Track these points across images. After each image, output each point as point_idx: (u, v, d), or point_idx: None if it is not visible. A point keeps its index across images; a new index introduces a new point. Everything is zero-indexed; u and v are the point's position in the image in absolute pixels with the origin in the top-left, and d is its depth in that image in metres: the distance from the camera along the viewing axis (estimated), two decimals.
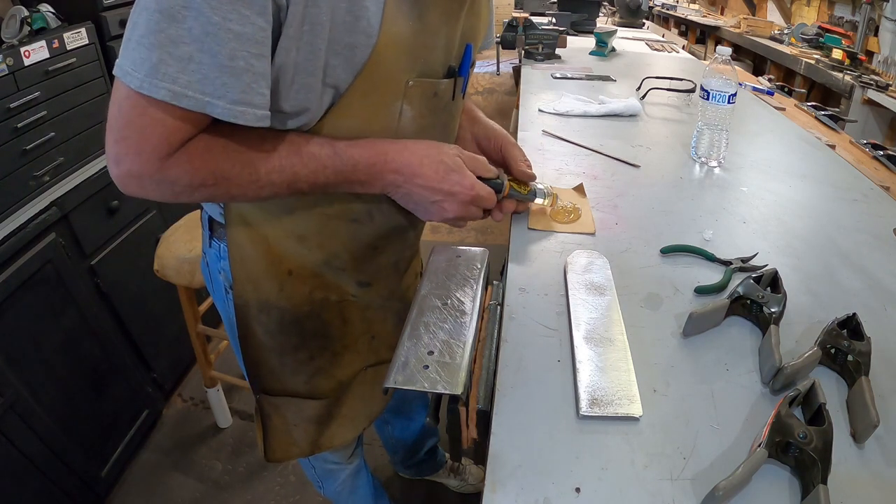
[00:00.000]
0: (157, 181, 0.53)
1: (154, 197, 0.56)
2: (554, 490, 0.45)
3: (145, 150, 0.50)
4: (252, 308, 0.72)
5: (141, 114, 0.49)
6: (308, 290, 0.72)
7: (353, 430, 0.85)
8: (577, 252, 0.75)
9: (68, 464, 1.27)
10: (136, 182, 0.53)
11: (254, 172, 0.55)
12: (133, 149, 0.50)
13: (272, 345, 0.74)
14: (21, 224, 1.16)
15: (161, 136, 0.50)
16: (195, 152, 0.53)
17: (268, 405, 0.78)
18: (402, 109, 0.60)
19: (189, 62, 0.46)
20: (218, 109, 0.48)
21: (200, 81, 0.47)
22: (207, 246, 0.75)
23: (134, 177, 0.52)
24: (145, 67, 0.46)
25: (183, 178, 0.53)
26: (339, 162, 0.58)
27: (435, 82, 0.61)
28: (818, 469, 0.44)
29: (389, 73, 0.55)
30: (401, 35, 0.53)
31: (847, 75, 2.49)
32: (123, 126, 0.50)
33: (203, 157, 0.53)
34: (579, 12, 2.59)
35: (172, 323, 1.65)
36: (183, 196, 0.56)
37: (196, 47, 0.45)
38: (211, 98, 0.47)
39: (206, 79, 0.47)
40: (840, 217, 0.88)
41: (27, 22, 1.25)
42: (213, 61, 0.46)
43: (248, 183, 0.56)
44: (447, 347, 0.59)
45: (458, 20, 0.62)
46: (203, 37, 0.45)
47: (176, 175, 0.53)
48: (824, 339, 0.58)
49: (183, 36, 0.45)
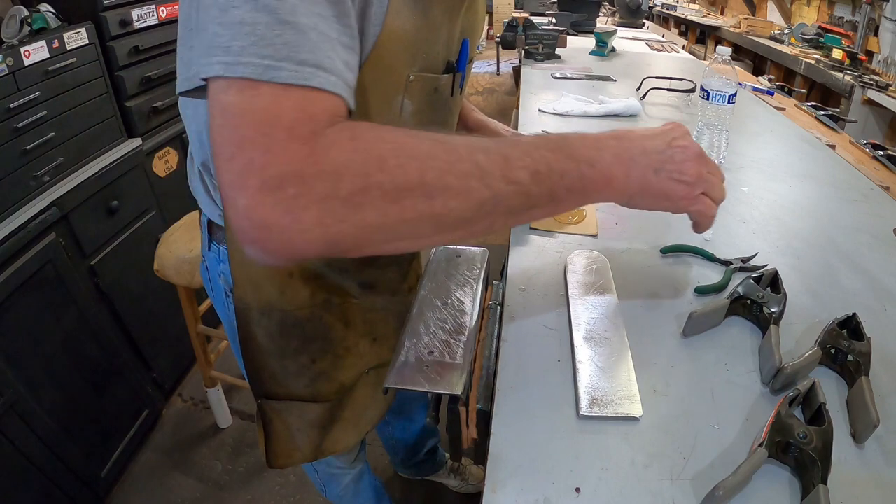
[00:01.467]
0: (310, 180, 0.36)
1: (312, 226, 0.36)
2: (554, 490, 0.45)
3: (278, 139, 0.35)
4: (253, 311, 0.72)
5: (245, 98, 0.36)
6: (309, 293, 0.72)
7: (356, 434, 0.84)
8: (577, 252, 0.75)
9: (68, 464, 1.27)
10: (281, 202, 0.35)
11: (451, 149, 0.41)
12: (260, 146, 0.35)
13: (273, 348, 0.74)
14: (21, 224, 1.16)
15: (292, 111, 0.37)
16: (360, 129, 0.39)
17: (270, 410, 0.78)
18: (403, 104, 0.59)
19: (241, 25, 0.37)
20: (284, 73, 0.37)
21: (257, 43, 0.36)
22: (206, 250, 0.75)
23: (275, 189, 0.35)
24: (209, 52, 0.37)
25: (354, 162, 0.37)
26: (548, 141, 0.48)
27: (436, 77, 0.61)
28: (818, 469, 0.44)
29: (392, 66, 0.55)
30: (404, 28, 0.53)
31: (847, 75, 2.49)
32: (232, 128, 0.36)
33: (374, 131, 0.39)
34: (579, 12, 2.59)
35: (172, 323, 1.65)
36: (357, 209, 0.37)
37: (248, 8, 0.36)
38: (272, 61, 0.36)
39: (264, 38, 0.37)
40: (840, 217, 0.88)
41: (27, 22, 1.25)
42: (272, 18, 0.37)
43: (447, 162, 0.40)
44: (447, 347, 0.59)
45: (459, 16, 0.62)
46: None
47: (340, 158, 0.36)
48: (824, 339, 0.58)
49: (230, 2, 0.37)
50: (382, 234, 0.40)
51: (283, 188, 0.35)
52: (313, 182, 0.36)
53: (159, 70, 1.57)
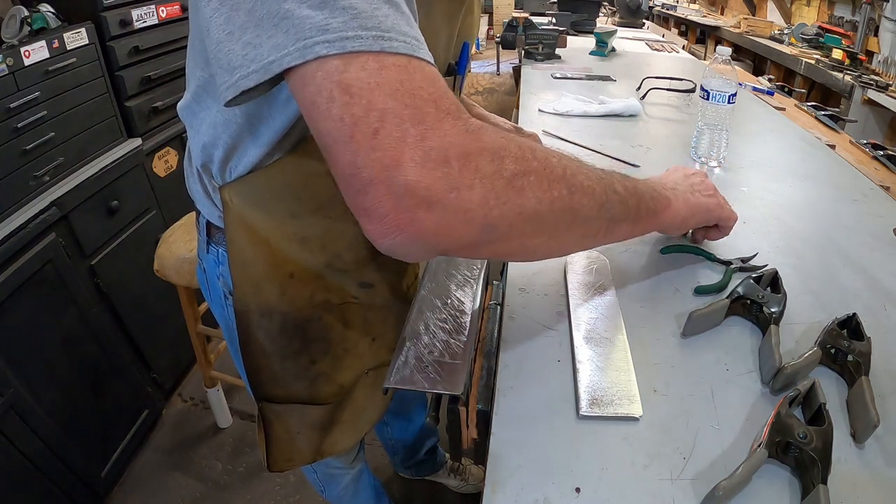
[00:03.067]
0: (476, 153, 0.34)
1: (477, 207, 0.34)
2: (554, 490, 0.45)
3: (428, 112, 0.33)
4: (253, 313, 0.71)
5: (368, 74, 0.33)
6: (310, 293, 0.72)
7: (355, 435, 0.84)
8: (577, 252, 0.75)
9: (68, 464, 1.27)
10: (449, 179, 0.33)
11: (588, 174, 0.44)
12: (410, 121, 0.32)
13: (274, 349, 0.74)
14: (21, 224, 1.16)
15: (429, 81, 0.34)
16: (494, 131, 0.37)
17: (270, 413, 0.78)
18: None
19: (333, 5, 0.34)
20: (396, 43, 0.34)
21: (358, 16, 0.34)
22: (204, 252, 0.74)
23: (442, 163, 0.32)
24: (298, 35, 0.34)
25: (511, 148, 0.35)
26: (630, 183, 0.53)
27: None
28: (818, 469, 0.44)
29: None
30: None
31: (847, 75, 2.49)
32: (366, 107, 0.32)
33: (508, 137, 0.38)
34: (579, 12, 2.59)
35: (172, 323, 1.65)
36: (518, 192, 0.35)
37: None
38: (381, 31, 0.34)
39: (362, 12, 0.34)
40: (840, 217, 0.88)
41: (27, 22, 1.25)
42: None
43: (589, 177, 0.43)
44: (447, 347, 0.59)
45: (458, 19, 0.62)
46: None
47: (498, 141, 0.35)
48: (824, 339, 0.58)
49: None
50: (532, 224, 0.39)
51: (448, 162, 0.32)
52: (478, 159, 0.34)
53: (159, 70, 1.57)
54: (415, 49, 0.35)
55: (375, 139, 0.32)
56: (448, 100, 0.34)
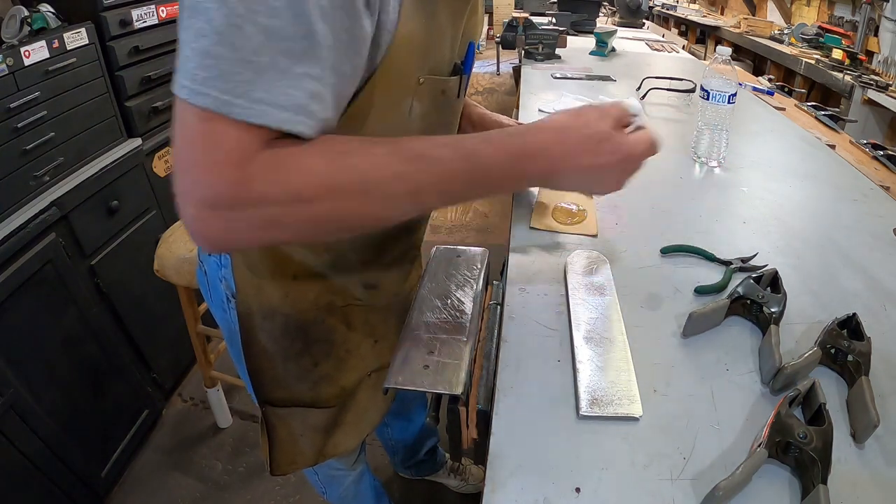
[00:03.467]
0: (240, 204, 0.42)
1: (243, 235, 0.45)
2: (554, 490, 0.45)
3: (217, 164, 0.41)
4: (256, 315, 0.71)
5: (201, 124, 0.41)
6: (313, 296, 0.72)
7: (356, 436, 0.84)
8: (577, 252, 0.75)
9: (68, 464, 1.27)
10: (216, 216, 0.43)
11: (364, 181, 0.46)
12: (203, 169, 0.42)
13: (276, 351, 0.74)
14: (21, 224, 1.16)
15: (230, 142, 0.42)
16: (283, 156, 0.43)
17: (273, 416, 0.78)
18: (413, 106, 0.59)
19: (206, 57, 0.40)
20: (237, 109, 0.41)
21: (219, 78, 0.40)
22: (206, 255, 0.75)
23: (212, 208, 0.42)
24: (180, 71, 0.41)
25: (273, 191, 0.43)
26: (472, 167, 0.50)
27: (444, 79, 0.61)
28: (818, 469, 0.44)
29: (403, 69, 0.55)
30: (415, 32, 0.53)
31: (847, 75, 2.49)
32: (188, 148, 0.42)
33: (295, 159, 0.44)
34: (579, 12, 2.59)
35: (172, 323, 1.65)
36: (280, 221, 0.45)
37: (214, 41, 0.40)
38: (230, 97, 0.40)
39: (225, 75, 0.40)
40: (840, 217, 0.88)
41: (27, 22, 1.25)
42: (234, 56, 0.40)
43: (358, 194, 0.46)
44: (447, 347, 0.59)
45: (463, 18, 0.62)
46: (225, 29, 0.39)
47: (262, 189, 0.43)
48: (824, 339, 0.58)
49: (202, 30, 0.40)
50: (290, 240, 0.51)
51: (218, 208, 0.42)
52: (243, 208, 0.43)
53: (159, 70, 1.57)
54: (257, 115, 0.41)
55: (183, 176, 0.43)
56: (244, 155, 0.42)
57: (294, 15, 0.40)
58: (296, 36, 0.41)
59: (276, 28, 0.40)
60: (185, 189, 0.43)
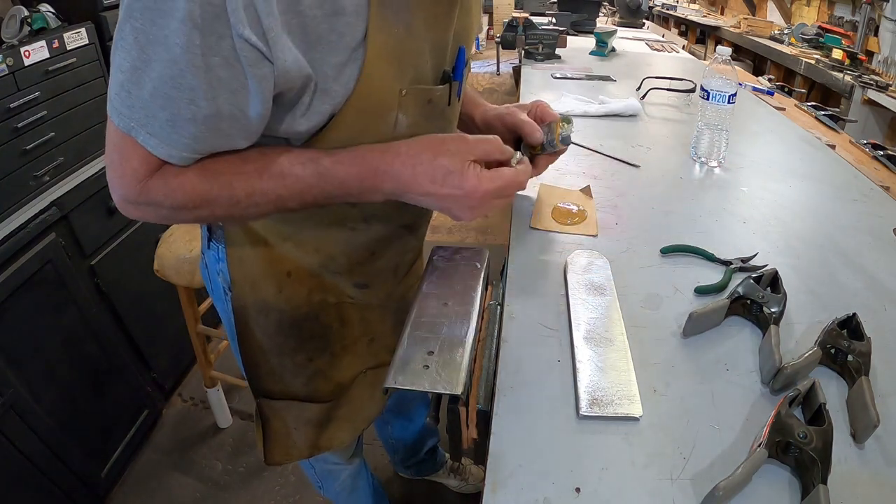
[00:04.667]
0: (143, 204, 0.55)
1: (151, 219, 0.58)
2: (554, 490, 0.46)
3: (126, 174, 0.53)
4: (250, 310, 0.72)
5: (118, 137, 0.51)
6: (306, 292, 0.72)
7: (351, 431, 0.85)
8: (577, 252, 0.75)
9: (68, 464, 1.27)
10: (130, 207, 0.56)
11: (233, 195, 0.55)
12: (116, 173, 0.54)
13: (271, 346, 0.74)
14: (21, 224, 1.16)
15: (137, 159, 0.52)
16: (171, 174, 0.53)
17: (267, 409, 0.78)
18: (398, 119, 0.58)
19: (121, 88, 0.48)
20: (140, 137, 0.50)
21: (129, 108, 0.48)
22: (206, 247, 0.75)
23: (124, 202, 0.55)
24: (110, 86, 0.50)
25: (165, 201, 0.54)
26: (325, 182, 0.56)
27: (429, 89, 0.60)
28: (818, 469, 0.44)
29: (382, 83, 0.54)
30: (388, 45, 0.52)
31: (847, 75, 2.49)
32: (110, 151, 0.53)
33: (179, 180, 0.53)
34: (579, 12, 2.59)
35: (172, 323, 1.65)
36: (173, 218, 0.57)
37: (126, 77, 0.47)
38: (135, 124, 0.49)
39: (132, 106, 0.48)
40: (840, 217, 0.88)
41: (27, 22, 1.25)
42: (138, 93, 0.48)
43: (228, 205, 0.56)
44: (447, 347, 0.59)
45: (450, 23, 0.60)
46: (132, 70, 0.47)
47: (157, 197, 0.54)
48: (824, 339, 0.58)
49: (120, 65, 0.47)
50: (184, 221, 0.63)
51: (129, 202, 0.55)
52: (146, 206, 0.55)
53: None
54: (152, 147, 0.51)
55: (109, 171, 0.55)
56: (144, 170, 0.53)
57: (179, 69, 0.46)
58: (183, 86, 0.47)
59: (166, 77, 0.46)
60: (110, 183, 0.55)
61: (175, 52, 0.45)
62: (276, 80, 0.48)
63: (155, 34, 0.44)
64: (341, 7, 0.48)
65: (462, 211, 0.59)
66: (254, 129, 0.53)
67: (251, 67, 0.47)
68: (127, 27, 0.45)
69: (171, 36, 0.44)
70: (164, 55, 0.45)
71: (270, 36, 0.45)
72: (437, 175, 0.56)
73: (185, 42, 0.44)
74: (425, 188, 0.57)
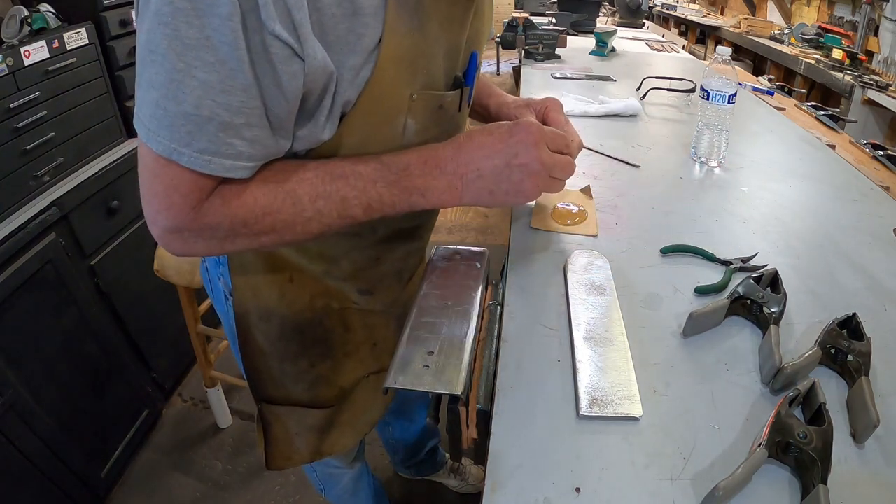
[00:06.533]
0: (196, 232, 0.51)
1: (202, 251, 0.54)
2: (554, 490, 0.45)
3: (174, 203, 0.49)
4: (252, 315, 0.71)
5: (158, 165, 0.47)
6: (309, 297, 0.71)
7: (354, 436, 0.84)
8: (577, 252, 0.75)
9: (68, 464, 1.27)
10: (178, 238, 0.52)
11: (297, 202, 0.52)
12: (163, 205, 0.49)
13: (273, 352, 0.73)
14: (21, 224, 1.16)
15: (187, 184, 0.48)
16: (229, 193, 0.50)
17: (269, 414, 0.78)
18: (407, 124, 0.57)
19: (156, 107, 0.44)
20: (185, 158, 0.46)
21: (168, 128, 0.45)
22: None
23: (173, 232, 0.51)
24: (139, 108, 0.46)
25: (224, 223, 0.51)
26: (389, 172, 0.54)
27: (440, 95, 0.58)
28: (818, 469, 0.44)
29: (392, 87, 0.53)
30: (402, 48, 0.51)
31: (847, 75, 2.49)
32: (149, 181, 0.49)
33: (239, 195, 0.50)
34: (579, 12, 2.59)
35: (172, 323, 1.65)
36: (229, 243, 0.53)
37: (161, 93, 0.43)
38: (178, 145, 0.45)
39: (172, 125, 0.45)
40: (840, 217, 0.88)
41: (27, 22, 1.25)
42: (178, 109, 0.44)
43: (292, 214, 0.53)
44: (447, 347, 0.59)
45: (464, 27, 0.59)
46: (168, 83, 0.43)
47: (214, 219, 0.50)
48: (824, 339, 0.58)
49: (152, 81, 0.44)
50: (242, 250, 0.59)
51: (177, 232, 0.51)
52: (199, 234, 0.52)
53: None
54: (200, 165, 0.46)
55: (148, 204, 0.50)
56: (196, 195, 0.49)
57: (229, 70, 0.43)
58: (234, 88, 0.44)
59: (213, 82, 0.43)
60: (151, 217, 0.51)
61: (223, 51, 0.42)
62: (304, 79, 0.46)
63: (193, 37, 0.41)
64: (360, 7, 0.46)
65: (529, 160, 0.57)
66: (290, 130, 0.51)
67: (281, 65, 0.44)
68: (157, 36, 0.41)
69: (216, 35, 0.41)
70: (208, 57, 0.42)
71: (302, 32, 0.43)
72: (498, 130, 0.58)
73: (233, 39, 0.41)
74: (489, 146, 0.57)
